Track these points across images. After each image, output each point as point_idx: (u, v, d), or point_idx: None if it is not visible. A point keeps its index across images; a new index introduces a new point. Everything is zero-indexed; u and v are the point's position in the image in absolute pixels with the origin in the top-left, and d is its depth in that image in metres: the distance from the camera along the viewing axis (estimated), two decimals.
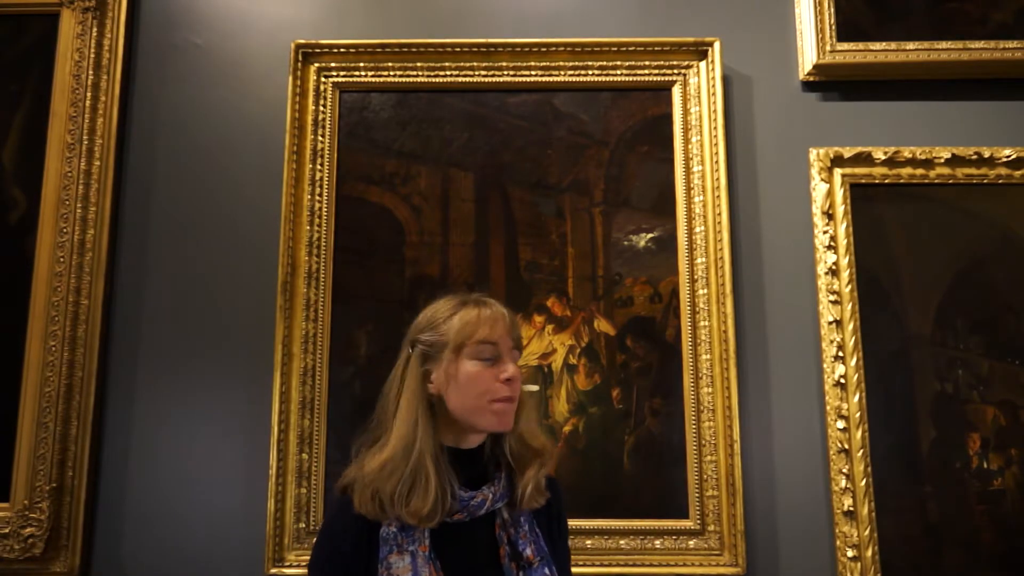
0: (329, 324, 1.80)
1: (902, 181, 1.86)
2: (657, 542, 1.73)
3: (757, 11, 1.96)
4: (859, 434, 1.74)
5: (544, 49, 1.89)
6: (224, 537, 1.76)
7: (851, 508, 1.71)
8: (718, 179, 1.83)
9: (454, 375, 1.16)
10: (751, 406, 1.79)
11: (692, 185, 1.85)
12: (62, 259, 1.80)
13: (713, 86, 1.86)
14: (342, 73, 1.91)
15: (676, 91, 1.90)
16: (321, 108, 1.89)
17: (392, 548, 1.08)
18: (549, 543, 1.21)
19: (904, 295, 1.82)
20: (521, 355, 1.25)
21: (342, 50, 1.90)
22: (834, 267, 1.81)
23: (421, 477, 1.09)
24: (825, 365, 1.78)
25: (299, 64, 1.88)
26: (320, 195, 1.85)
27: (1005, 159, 1.84)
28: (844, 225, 1.83)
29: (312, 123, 1.87)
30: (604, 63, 1.90)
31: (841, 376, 1.76)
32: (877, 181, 1.85)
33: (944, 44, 1.88)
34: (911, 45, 1.88)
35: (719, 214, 1.82)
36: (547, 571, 1.16)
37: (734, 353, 1.76)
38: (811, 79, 1.91)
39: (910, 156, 1.85)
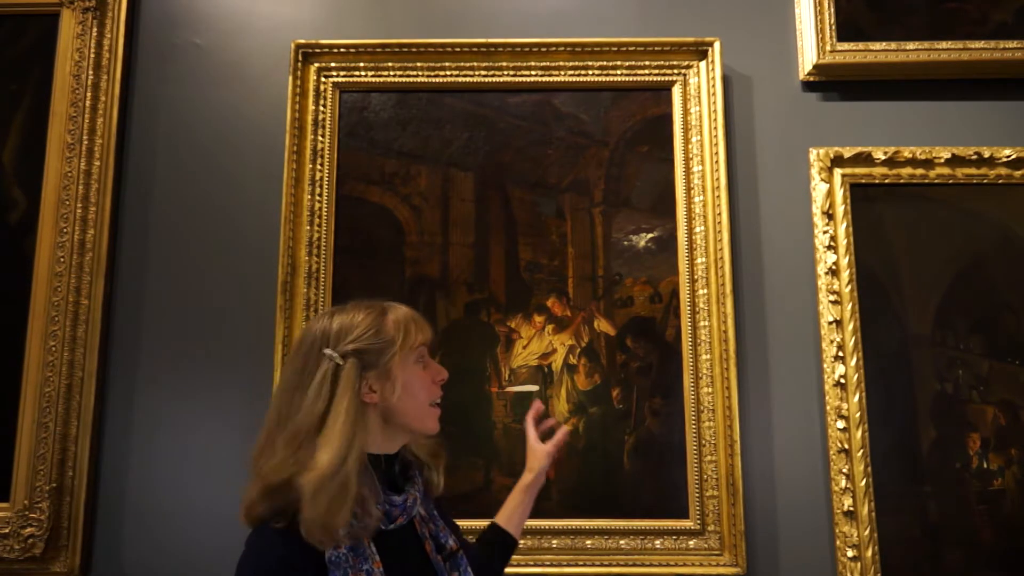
0: None
1: (902, 181, 1.86)
2: (657, 542, 1.73)
3: (757, 11, 1.96)
4: (859, 434, 1.74)
5: (544, 49, 1.89)
6: (224, 537, 1.75)
7: (851, 508, 1.71)
8: (718, 179, 1.83)
9: (401, 380, 1.12)
10: (751, 406, 1.79)
11: (692, 185, 1.85)
12: (62, 259, 1.80)
13: (713, 86, 1.86)
14: (342, 73, 1.91)
15: (676, 91, 1.90)
16: (321, 108, 1.89)
17: (346, 571, 1.02)
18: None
19: (904, 295, 1.82)
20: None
21: (342, 50, 1.90)
22: (834, 267, 1.80)
23: (343, 493, 1.03)
24: (825, 365, 1.78)
25: (299, 64, 1.88)
26: (320, 195, 1.85)
27: (1005, 159, 1.84)
28: (844, 225, 1.83)
29: (312, 123, 1.87)
30: (604, 63, 1.90)
31: (841, 376, 1.76)
32: (877, 181, 1.85)
33: (944, 44, 1.88)
34: (911, 45, 1.88)
35: (719, 214, 1.82)
36: (466, 556, 1.22)
37: (734, 353, 1.76)
38: (811, 79, 1.91)
39: (910, 156, 1.85)
